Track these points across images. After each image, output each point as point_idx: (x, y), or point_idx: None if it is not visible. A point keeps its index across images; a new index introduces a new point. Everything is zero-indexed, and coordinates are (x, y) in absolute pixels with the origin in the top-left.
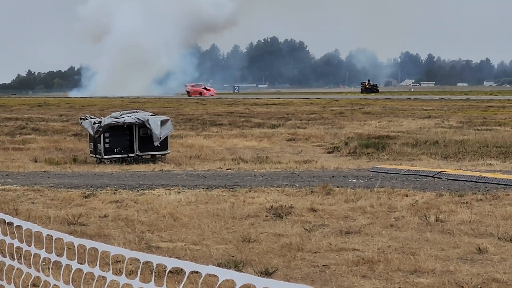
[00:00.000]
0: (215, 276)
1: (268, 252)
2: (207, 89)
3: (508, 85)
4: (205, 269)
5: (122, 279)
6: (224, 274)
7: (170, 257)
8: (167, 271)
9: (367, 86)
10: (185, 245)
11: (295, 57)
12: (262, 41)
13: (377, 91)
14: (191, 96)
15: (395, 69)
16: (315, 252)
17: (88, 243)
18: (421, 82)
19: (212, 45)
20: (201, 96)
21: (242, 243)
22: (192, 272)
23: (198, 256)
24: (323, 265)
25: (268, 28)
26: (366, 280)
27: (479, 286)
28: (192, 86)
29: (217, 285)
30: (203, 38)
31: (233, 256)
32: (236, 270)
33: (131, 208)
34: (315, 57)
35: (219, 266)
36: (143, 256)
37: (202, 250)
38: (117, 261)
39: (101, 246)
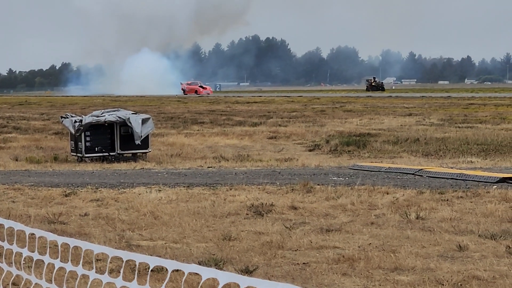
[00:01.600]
0: (196, 274)
1: (249, 250)
2: (203, 87)
3: (489, 83)
4: (188, 268)
5: (105, 278)
6: (207, 272)
7: (151, 255)
8: (149, 269)
9: (373, 84)
10: (165, 243)
11: (277, 55)
12: (244, 39)
13: (383, 89)
14: (187, 94)
15: (376, 67)
16: (295, 250)
17: (72, 242)
18: (402, 80)
19: (194, 43)
20: (197, 94)
21: (222, 241)
22: (172, 270)
23: (179, 254)
24: (304, 263)
25: (250, 27)
26: (347, 277)
27: (459, 284)
28: (188, 84)
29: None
30: (201, 36)
31: (214, 254)
32: (216, 268)
33: (111, 206)
34: (297, 55)
35: (199, 264)
36: (125, 255)
37: (182, 248)
38: (97, 260)
39: (84, 245)
